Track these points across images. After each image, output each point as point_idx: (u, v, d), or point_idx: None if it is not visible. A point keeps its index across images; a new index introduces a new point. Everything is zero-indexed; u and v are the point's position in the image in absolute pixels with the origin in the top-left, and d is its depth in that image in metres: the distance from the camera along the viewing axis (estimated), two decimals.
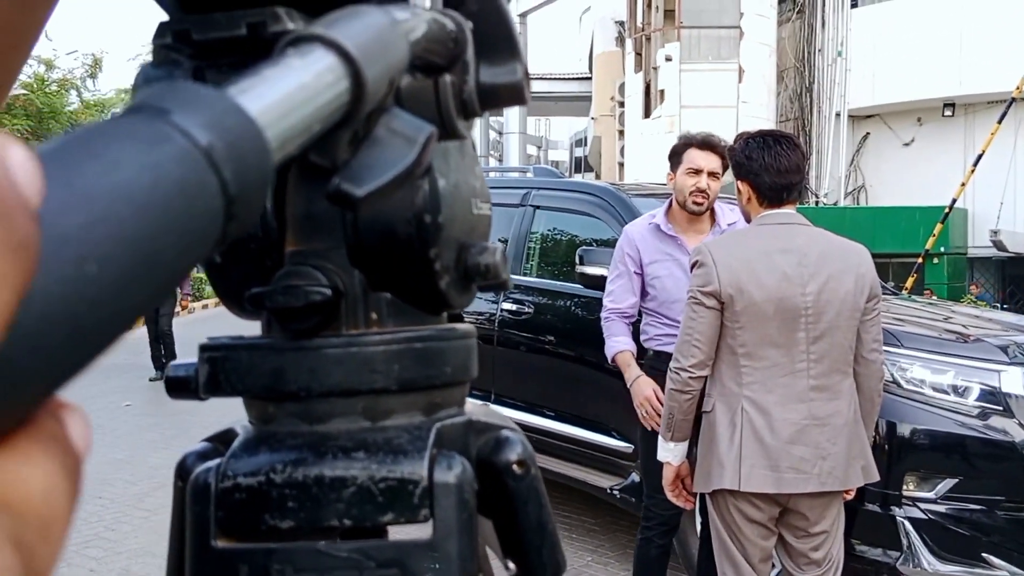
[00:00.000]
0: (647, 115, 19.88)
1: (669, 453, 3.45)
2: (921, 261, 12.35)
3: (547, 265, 6.10)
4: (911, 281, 11.60)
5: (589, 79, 28.01)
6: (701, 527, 4.09)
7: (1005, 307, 15.10)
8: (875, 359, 3.25)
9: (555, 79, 30.89)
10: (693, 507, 3.64)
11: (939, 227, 12.57)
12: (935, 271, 15.02)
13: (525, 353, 5.84)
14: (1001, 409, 4.08)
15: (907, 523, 3.96)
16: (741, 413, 3.17)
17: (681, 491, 3.55)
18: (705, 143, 4.04)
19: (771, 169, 3.21)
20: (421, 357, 0.48)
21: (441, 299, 0.49)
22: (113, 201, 0.23)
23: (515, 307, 5.90)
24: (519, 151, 30.52)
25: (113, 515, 6.26)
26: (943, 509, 3.96)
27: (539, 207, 6.15)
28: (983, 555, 3.90)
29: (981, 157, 12.50)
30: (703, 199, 4.00)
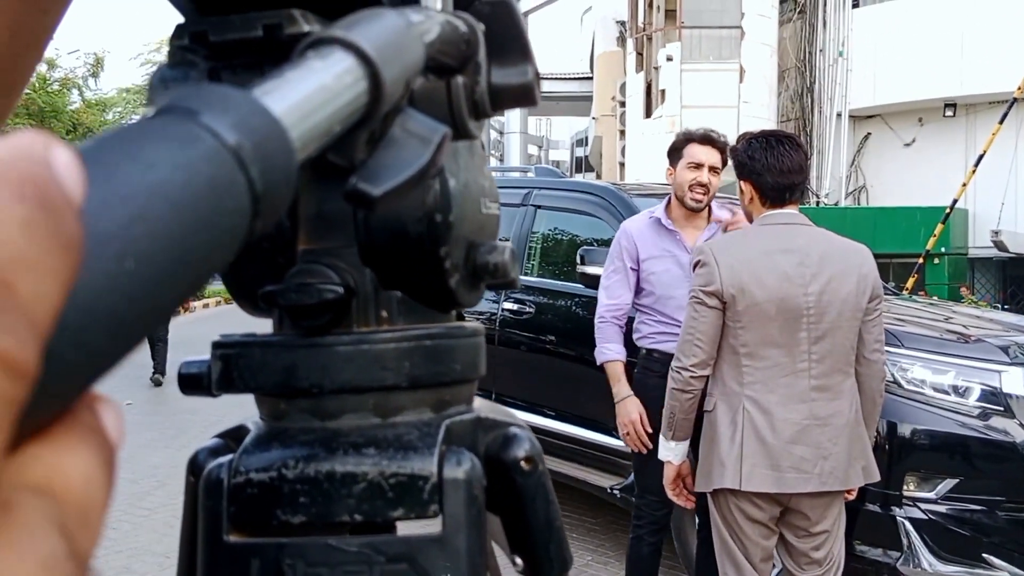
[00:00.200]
0: (648, 115, 19.87)
1: (670, 452, 3.45)
2: (922, 261, 12.32)
3: (548, 265, 6.10)
4: (912, 281, 11.58)
5: (590, 79, 27.98)
6: (699, 527, 4.09)
7: (1006, 307, 15.09)
8: (877, 359, 3.26)
9: (556, 79, 30.82)
10: (693, 506, 3.63)
11: (940, 227, 12.54)
12: (936, 271, 15.01)
13: (526, 352, 5.84)
14: (1002, 409, 4.08)
15: (907, 523, 3.95)
16: (742, 413, 3.17)
17: (682, 490, 3.55)
18: (706, 138, 4.04)
19: (774, 169, 3.21)
20: (431, 354, 0.48)
21: (451, 297, 0.49)
22: (149, 200, 0.24)
23: (516, 307, 5.90)
24: (520, 151, 30.52)
25: (113, 513, 6.24)
26: (944, 509, 3.96)
27: (540, 207, 6.15)
28: (984, 555, 3.90)
29: (982, 157, 12.47)
30: (703, 193, 4.00)
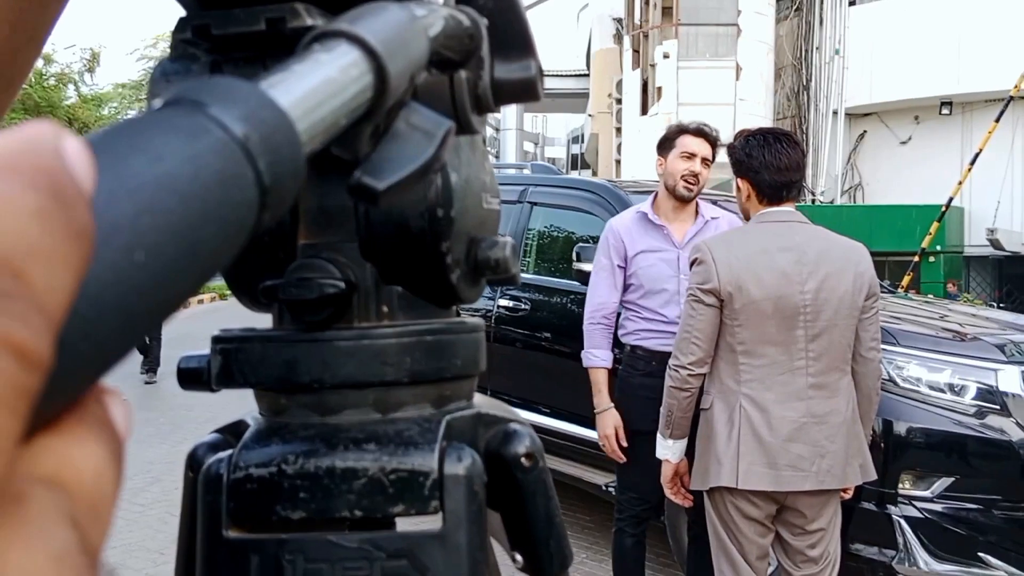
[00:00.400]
0: (644, 112, 19.88)
1: (668, 451, 3.45)
2: (917, 260, 12.34)
3: (544, 262, 6.09)
4: (907, 279, 11.59)
5: (586, 76, 27.97)
6: (689, 525, 4.09)
7: (1002, 306, 15.10)
8: (873, 357, 3.25)
9: (552, 76, 30.76)
10: (691, 504, 3.63)
11: (935, 226, 12.56)
12: (931, 270, 15.02)
13: (521, 350, 5.83)
14: (998, 408, 4.07)
15: (903, 522, 3.94)
16: (739, 411, 3.17)
17: (679, 489, 3.55)
18: (699, 131, 4.06)
19: (771, 167, 3.21)
20: (432, 350, 0.48)
21: (452, 292, 0.49)
22: (158, 191, 0.24)
23: (512, 303, 5.89)
24: (516, 147, 30.48)
25: None
26: (939, 508, 3.95)
27: (536, 204, 6.14)
28: (979, 554, 3.89)
29: (978, 156, 12.48)
30: (694, 183, 4.00)
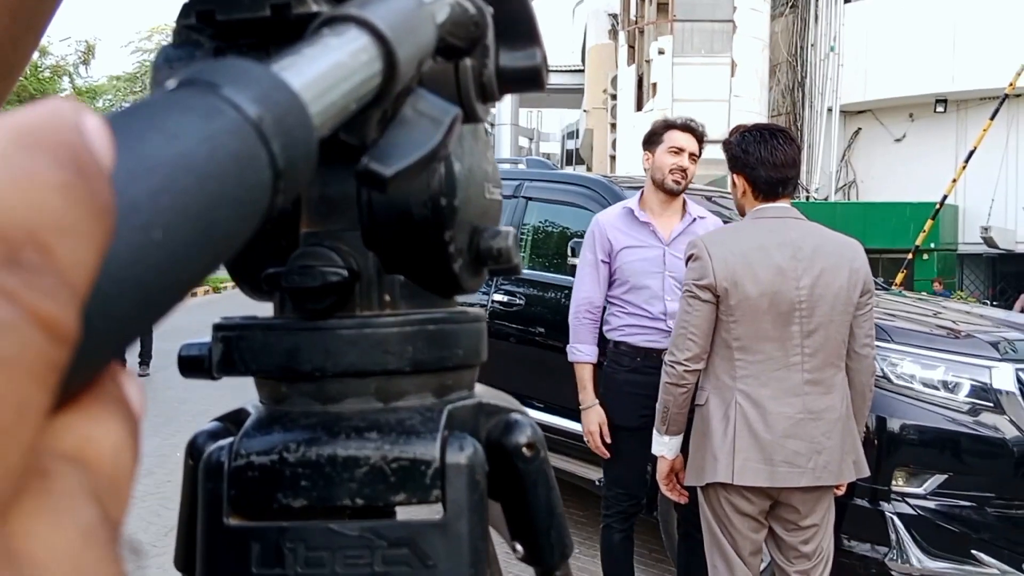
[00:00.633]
0: (639, 108, 19.92)
1: (664, 447, 3.45)
2: (911, 257, 12.37)
3: (539, 256, 6.09)
4: (901, 277, 11.62)
5: (582, 71, 28.00)
6: (678, 522, 4.09)
7: (995, 304, 15.13)
8: (867, 354, 3.26)
9: (548, 71, 30.76)
10: (687, 501, 3.62)
11: (929, 223, 12.59)
12: (925, 267, 15.07)
13: (515, 344, 5.82)
14: (991, 405, 4.06)
15: (896, 519, 3.93)
16: (735, 407, 3.17)
17: (674, 485, 3.55)
18: (686, 126, 4.06)
19: (767, 163, 3.21)
20: (434, 339, 0.48)
21: (454, 282, 0.49)
22: (175, 171, 0.24)
23: (506, 298, 5.89)
24: (511, 142, 30.49)
25: None
26: (932, 505, 3.95)
27: (531, 199, 6.14)
28: (972, 552, 3.89)
29: (973, 153, 12.51)
30: (682, 177, 4.01)
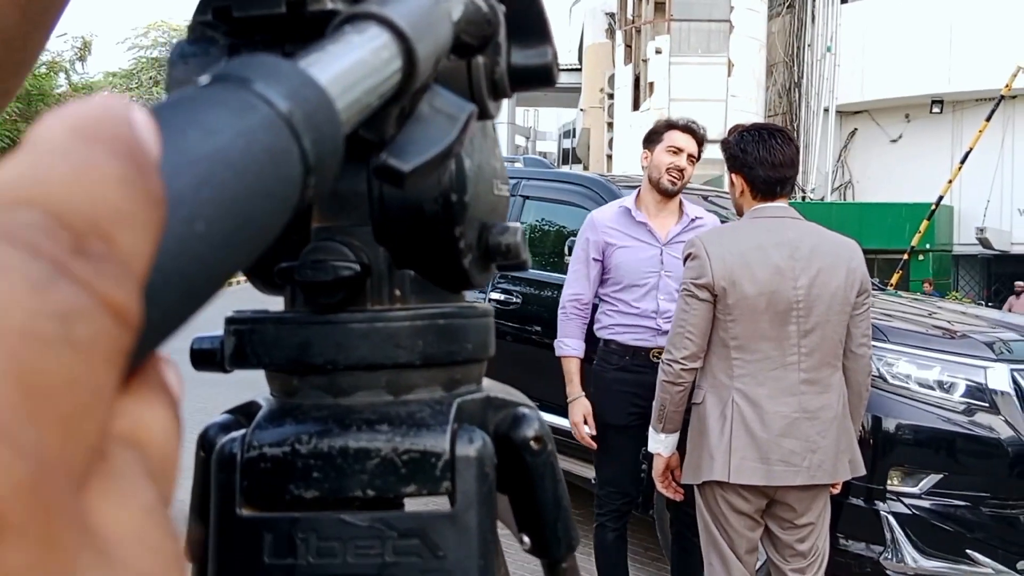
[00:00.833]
0: (636, 107, 19.94)
1: (660, 445, 3.46)
2: (907, 258, 12.39)
3: (536, 255, 6.08)
4: (896, 277, 11.64)
5: (578, 70, 28.00)
6: (672, 521, 4.10)
7: (990, 304, 15.15)
8: (864, 353, 3.27)
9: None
10: (683, 499, 3.63)
11: (925, 224, 12.61)
12: (920, 268, 15.09)
13: (512, 343, 5.83)
14: (987, 405, 4.07)
15: (891, 518, 3.94)
16: (732, 405, 3.18)
17: (670, 483, 3.55)
18: (687, 127, 4.06)
19: (765, 163, 3.22)
20: (444, 333, 0.48)
21: (464, 277, 0.50)
22: (214, 164, 0.24)
23: (504, 297, 5.90)
24: (507, 141, 30.53)
25: None
26: (927, 504, 3.96)
27: (529, 197, 6.14)
28: (967, 551, 3.90)
29: (968, 154, 12.54)
30: (679, 178, 4.01)
